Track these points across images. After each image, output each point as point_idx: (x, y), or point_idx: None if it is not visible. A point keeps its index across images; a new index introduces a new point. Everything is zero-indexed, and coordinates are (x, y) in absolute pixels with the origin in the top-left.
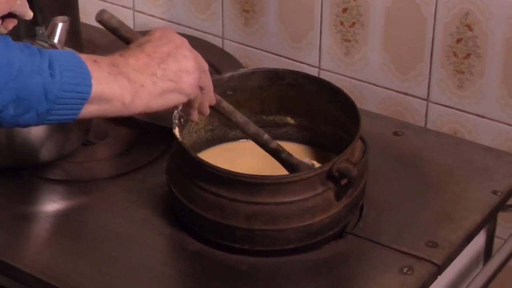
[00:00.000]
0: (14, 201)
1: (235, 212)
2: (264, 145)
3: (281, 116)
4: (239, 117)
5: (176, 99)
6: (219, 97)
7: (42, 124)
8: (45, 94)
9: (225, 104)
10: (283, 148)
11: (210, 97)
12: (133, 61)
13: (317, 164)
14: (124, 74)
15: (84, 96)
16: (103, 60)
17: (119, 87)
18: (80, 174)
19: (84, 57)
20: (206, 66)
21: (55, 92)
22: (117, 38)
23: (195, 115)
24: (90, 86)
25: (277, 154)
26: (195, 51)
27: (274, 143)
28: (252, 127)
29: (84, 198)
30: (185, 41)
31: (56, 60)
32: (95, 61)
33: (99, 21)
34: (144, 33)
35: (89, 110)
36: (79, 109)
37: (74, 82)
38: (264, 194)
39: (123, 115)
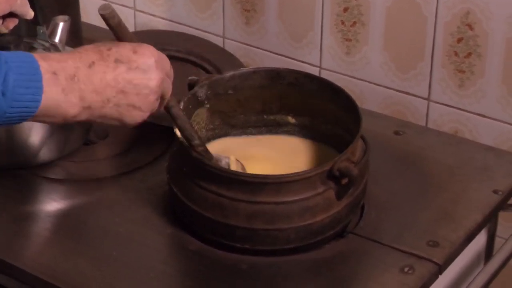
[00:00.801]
0: (14, 201)
1: (235, 212)
2: (192, 148)
3: (282, 116)
4: (180, 122)
5: (113, 123)
6: (174, 102)
7: None
8: None
9: (174, 110)
10: (207, 154)
11: (162, 105)
12: (97, 79)
13: (233, 163)
14: (79, 91)
15: (31, 111)
16: (65, 70)
17: (67, 106)
18: (80, 173)
19: (44, 67)
20: (168, 92)
21: (4, 108)
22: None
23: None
24: (39, 102)
25: (201, 157)
26: (165, 81)
27: (200, 148)
28: (187, 132)
29: (84, 198)
30: (158, 78)
31: (12, 74)
32: (54, 73)
33: (101, 15)
34: (145, 34)
35: (34, 119)
36: (24, 120)
37: (24, 99)
38: (265, 193)
39: (58, 124)
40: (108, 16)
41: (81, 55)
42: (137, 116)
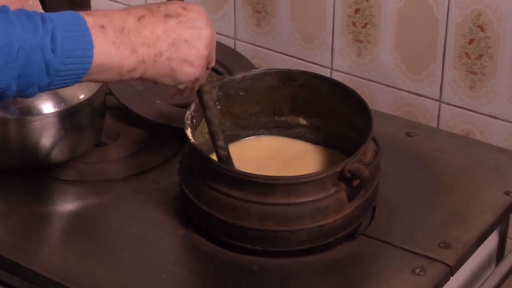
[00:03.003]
0: (26, 202)
1: (247, 213)
2: (215, 148)
3: (293, 117)
4: (209, 113)
5: (166, 81)
6: (207, 88)
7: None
8: (46, 70)
9: (207, 97)
10: (229, 162)
11: (204, 77)
12: (147, 32)
13: None
14: (130, 44)
15: (85, 67)
16: (113, 23)
17: (120, 58)
18: (92, 174)
19: (91, 22)
20: (214, 60)
21: (56, 66)
22: None
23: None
24: (91, 57)
25: (220, 161)
26: (213, 44)
27: (223, 152)
28: (214, 127)
29: (96, 199)
30: (209, 34)
31: (59, 30)
32: (102, 26)
33: None
34: None
35: (88, 78)
36: (80, 78)
37: (76, 55)
38: (276, 194)
39: (115, 81)
40: None
41: (129, 11)
42: (189, 72)
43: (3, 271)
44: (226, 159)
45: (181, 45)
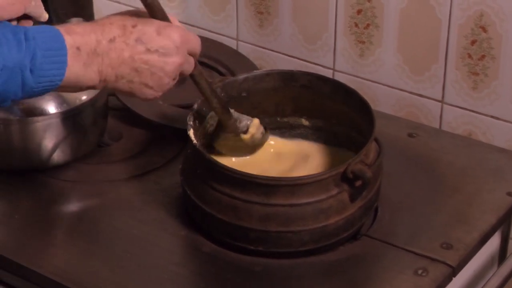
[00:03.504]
0: (28, 202)
1: (249, 214)
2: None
3: (296, 118)
4: (201, 87)
5: (125, 95)
6: (196, 71)
7: None
8: (22, 87)
9: (197, 78)
10: (224, 112)
11: (190, 63)
12: (114, 56)
13: (253, 127)
14: (98, 65)
15: (55, 84)
16: (88, 45)
17: (86, 79)
18: (94, 175)
19: (69, 42)
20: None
21: (32, 84)
22: None
23: None
24: (63, 76)
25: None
26: (182, 67)
27: (217, 106)
28: (207, 93)
29: (98, 200)
30: (175, 62)
31: (39, 50)
32: (78, 48)
33: None
34: None
35: (51, 91)
36: (45, 93)
37: (50, 74)
38: (279, 195)
39: (73, 92)
40: None
41: (104, 28)
42: (148, 94)
43: (5, 271)
44: (222, 109)
45: (143, 72)
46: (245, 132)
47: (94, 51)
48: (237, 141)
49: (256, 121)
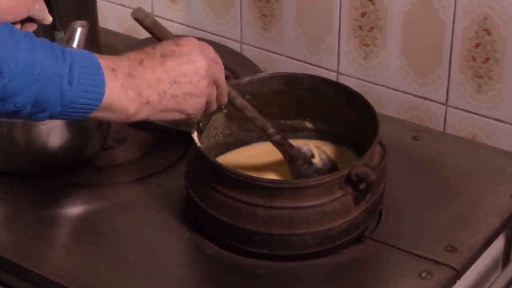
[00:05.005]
0: (33, 205)
1: (253, 217)
2: (269, 138)
3: (300, 121)
4: (249, 112)
5: (176, 117)
6: (235, 94)
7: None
8: (61, 99)
9: (238, 101)
10: (286, 141)
11: (222, 95)
12: (149, 74)
13: (314, 149)
14: (136, 87)
15: (95, 103)
16: (122, 67)
17: (127, 100)
18: (98, 178)
19: (104, 64)
20: (221, 77)
21: (70, 97)
22: (140, 41)
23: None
24: (102, 95)
25: (280, 146)
26: (213, 69)
27: (277, 136)
28: (259, 122)
29: (102, 202)
30: (205, 63)
31: (77, 65)
32: (113, 69)
33: (135, 18)
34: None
35: (95, 115)
36: (88, 114)
37: (89, 90)
38: (282, 198)
39: (122, 122)
40: (142, 18)
41: (129, 56)
42: (195, 103)
43: (9, 274)
44: (283, 140)
45: (182, 81)
46: (313, 156)
47: (129, 73)
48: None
49: (311, 145)
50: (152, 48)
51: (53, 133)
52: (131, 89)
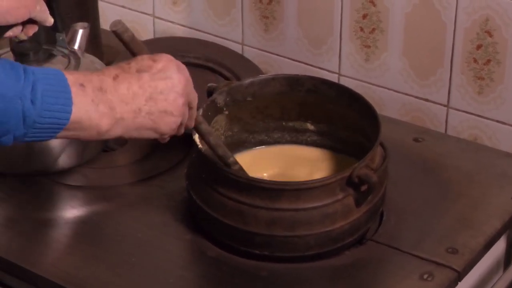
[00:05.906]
0: (34, 207)
1: (255, 218)
2: (228, 167)
3: (301, 122)
4: (212, 139)
5: (150, 135)
6: (200, 119)
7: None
8: (23, 120)
9: (204, 126)
10: (243, 174)
11: (192, 118)
12: (124, 89)
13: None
14: (108, 102)
15: (62, 122)
16: (92, 82)
17: (98, 116)
18: (100, 180)
19: (71, 79)
20: (195, 99)
21: (33, 117)
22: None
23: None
24: (69, 113)
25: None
26: (189, 87)
27: (237, 166)
28: (221, 150)
29: (103, 204)
30: (181, 81)
31: (40, 84)
32: (82, 85)
33: (113, 31)
34: (164, 41)
35: (64, 134)
36: (55, 133)
37: (54, 109)
38: (284, 200)
39: (94, 140)
40: (121, 31)
41: (103, 71)
42: (171, 122)
43: (11, 276)
44: (242, 171)
45: (157, 98)
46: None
47: (100, 88)
48: None
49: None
50: (128, 63)
51: None
52: (103, 104)
